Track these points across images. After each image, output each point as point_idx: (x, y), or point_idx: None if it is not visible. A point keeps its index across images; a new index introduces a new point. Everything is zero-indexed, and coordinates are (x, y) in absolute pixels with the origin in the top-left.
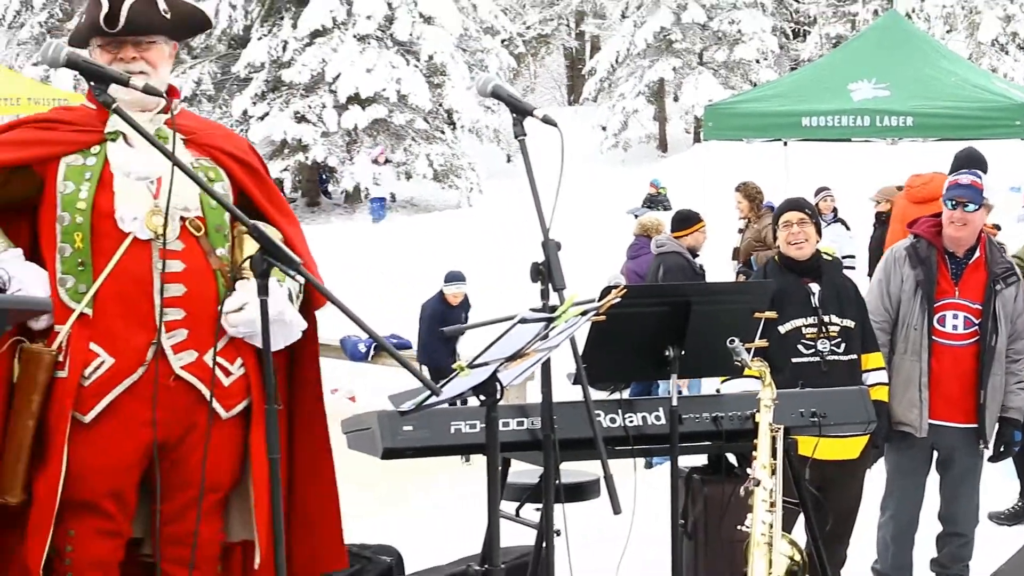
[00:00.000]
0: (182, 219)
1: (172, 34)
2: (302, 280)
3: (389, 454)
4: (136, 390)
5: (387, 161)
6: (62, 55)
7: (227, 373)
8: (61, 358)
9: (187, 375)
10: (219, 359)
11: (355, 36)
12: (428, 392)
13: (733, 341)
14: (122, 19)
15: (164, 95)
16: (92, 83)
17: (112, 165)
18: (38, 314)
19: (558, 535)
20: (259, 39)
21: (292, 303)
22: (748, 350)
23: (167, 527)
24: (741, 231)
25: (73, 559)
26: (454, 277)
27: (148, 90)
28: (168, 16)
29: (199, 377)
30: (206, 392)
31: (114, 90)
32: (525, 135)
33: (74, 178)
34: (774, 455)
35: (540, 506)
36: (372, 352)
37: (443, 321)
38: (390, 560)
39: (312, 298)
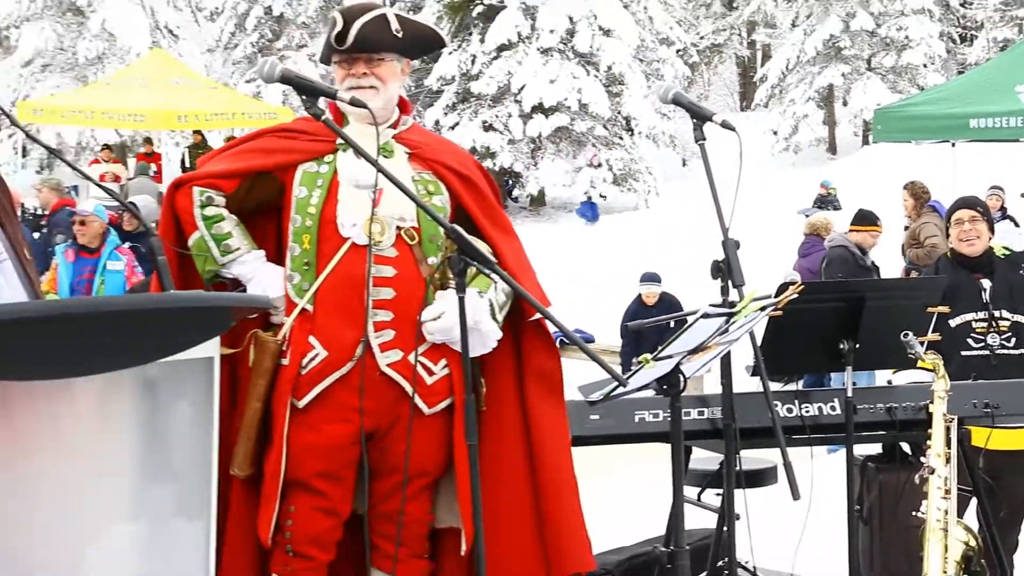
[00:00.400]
0: (398, 228)
1: (404, 52)
2: (508, 290)
3: (577, 442)
4: (346, 381)
5: (599, 165)
6: (276, 71)
7: (430, 373)
8: (285, 347)
9: (392, 372)
10: (423, 359)
11: (539, 49)
12: (615, 383)
13: (907, 335)
14: (351, 37)
15: (369, 108)
16: (303, 96)
17: (340, 174)
18: (257, 310)
19: (738, 519)
20: (449, 54)
21: (496, 315)
22: (921, 343)
23: (378, 506)
24: (906, 228)
25: (293, 534)
26: (648, 278)
27: (354, 102)
28: (400, 36)
29: (403, 375)
30: (409, 389)
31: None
32: (705, 139)
33: (308, 184)
34: (948, 444)
35: (720, 491)
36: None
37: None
38: None
39: (524, 308)
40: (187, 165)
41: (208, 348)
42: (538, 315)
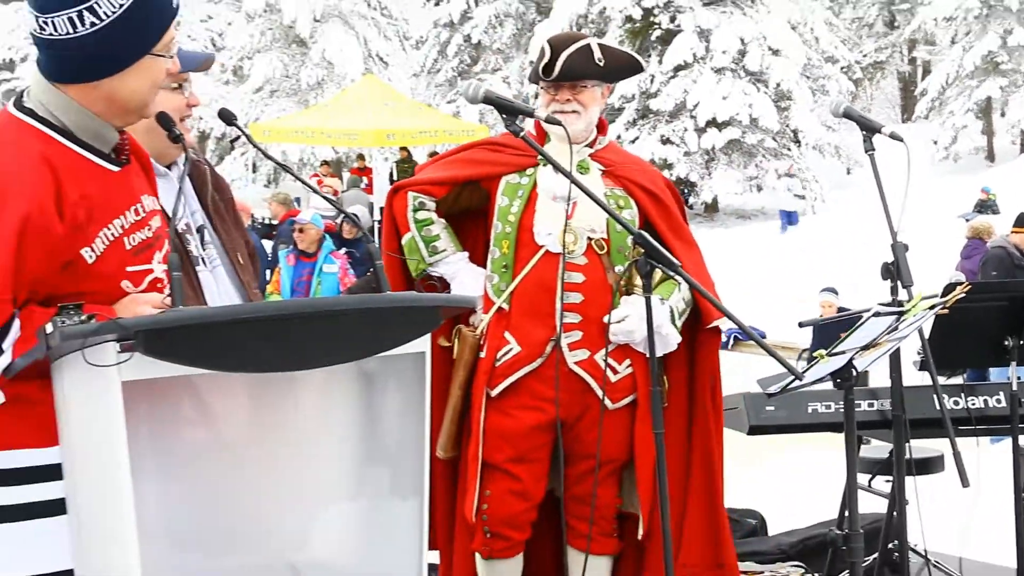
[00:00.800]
0: (589, 238)
1: (605, 78)
2: (687, 298)
3: (754, 430)
4: (537, 373)
5: (792, 175)
6: (480, 93)
7: (615, 372)
8: (482, 341)
9: (579, 370)
10: (610, 360)
11: (712, 68)
12: (792, 377)
13: None
14: (557, 68)
15: (564, 127)
16: (503, 115)
17: (539, 186)
18: (463, 309)
19: (907, 504)
20: None
21: (676, 321)
22: None
23: (572, 489)
24: None
25: (489, 516)
26: (827, 290)
27: (550, 120)
28: (602, 64)
29: (589, 373)
30: (594, 385)
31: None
32: (874, 150)
33: (509, 194)
34: None
35: (890, 478)
36: (731, 342)
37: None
38: (755, 522)
39: (705, 311)
40: (394, 178)
41: (420, 344)
42: (714, 323)
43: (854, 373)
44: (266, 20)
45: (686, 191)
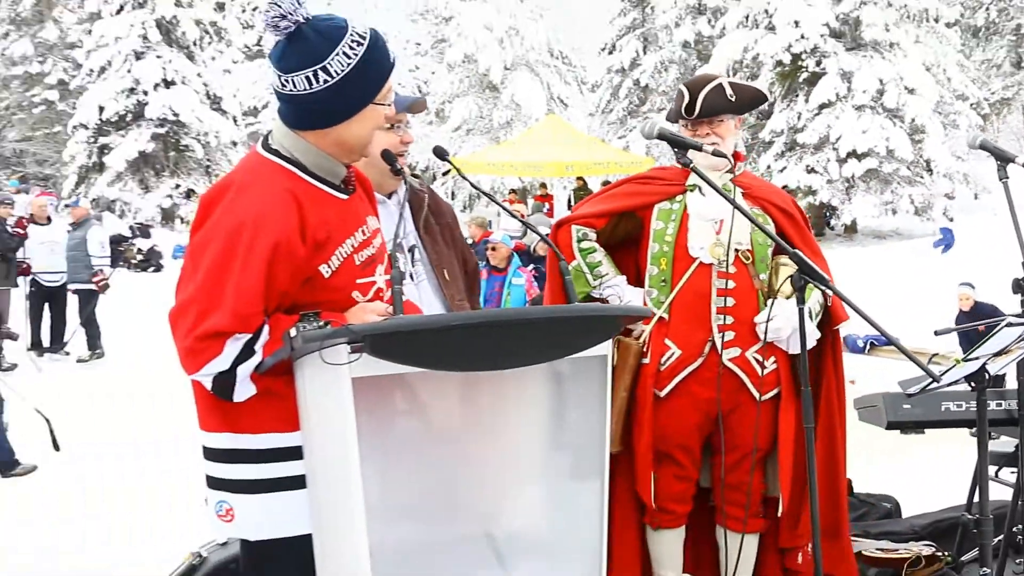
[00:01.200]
0: (736, 250)
1: (737, 111)
2: (821, 301)
3: (892, 426)
4: (697, 374)
5: (953, 196)
6: (655, 130)
7: (762, 367)
8: (645, 349)
9: (732, 366)
10: (757, 356)
11: (853, 106)
12: (930, 379)
13: None
14: (697, 107)
15: (729, 158)
16: (675, 149)
17: (689, 209)
18: (639, 320)
19: None
20: (779, 112)
21: (811, 320)
22: None
23: (727, 476)
24: None
25: (657, 494)
26: (964, 283)
27: (716, 153)
28: (733, 100)
29: (742, 368)
30: (746, 379)
31: (693, 155)
32: (1008, 178)
33: (663, 218)
34: None
35: (1015, 470)
36: (868, 347)
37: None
38: (890, 506)
39: (834, 314)
40: (572, 203)
41: (603, 348)
42: (844, 323)
43: (987, 376)
44: (464, 69)
45: (828, 214)
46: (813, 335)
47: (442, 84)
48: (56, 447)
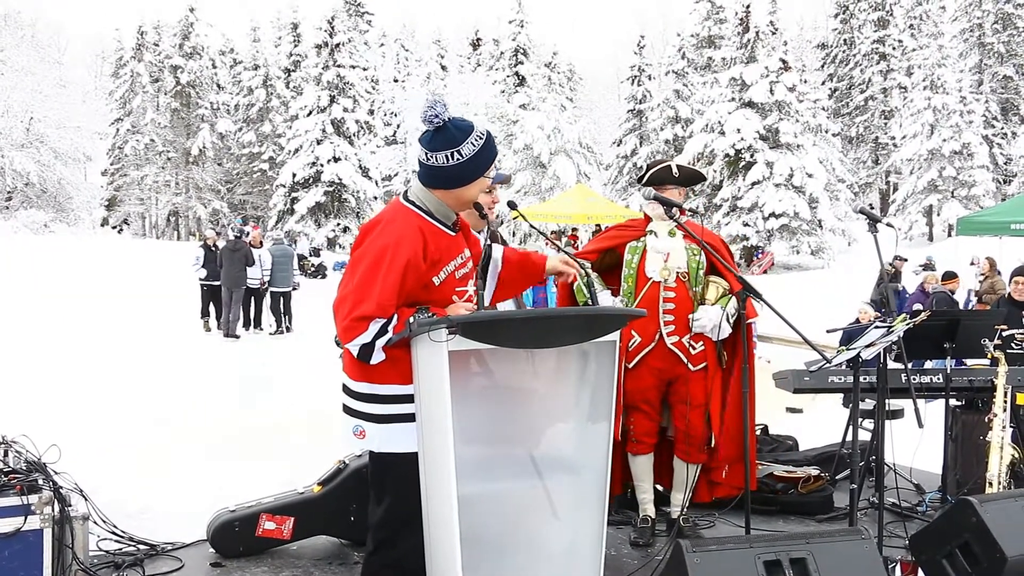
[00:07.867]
0: (677, 272)
1: (680, 184)
2: (736, 306)
3: (797, 391)
4: (652, 353)
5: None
6: (652, 194)
7: (693, 349)
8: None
9: (674, 348)
10: (691, 342)
11: (774, 184)
12: (824, 361)
13: (983, 340)
14: (646, 178)
15: (678, 206)
16: (664, 206)
17: (648, 246)
18: (637, 317)
19: (883, 436)
20: (727, 186)
21: (728, 320)
22: (991, 345)
23: (676, 423)
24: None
25: (633, 430)
26: (867, 302)
27: (680, 207)
28: (677, 175)
29: (680, 349)
30: (682, 357)
31: (647, 206)
32: (877, 232)
33: (631, 253)
34: (1004, 400)
35: (872, 420)
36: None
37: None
38: (791, 443)
39: (748, 313)
40: None
41: (614, 336)
42: (752, 320)
43: (859, 359)
44: (523, 154)
45: (755, 253)
46: (726, 330)
47: (509, 162)
48: None
